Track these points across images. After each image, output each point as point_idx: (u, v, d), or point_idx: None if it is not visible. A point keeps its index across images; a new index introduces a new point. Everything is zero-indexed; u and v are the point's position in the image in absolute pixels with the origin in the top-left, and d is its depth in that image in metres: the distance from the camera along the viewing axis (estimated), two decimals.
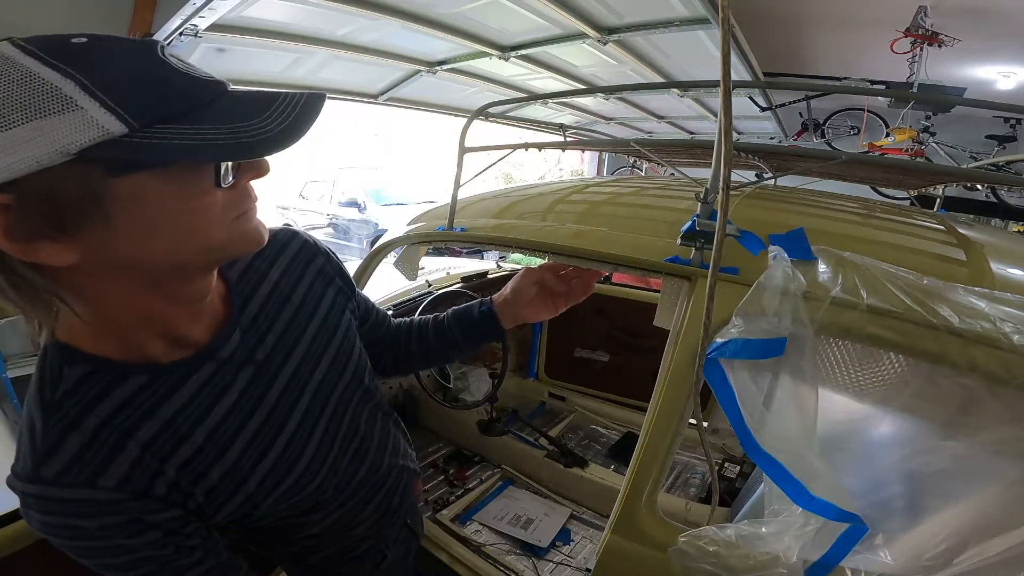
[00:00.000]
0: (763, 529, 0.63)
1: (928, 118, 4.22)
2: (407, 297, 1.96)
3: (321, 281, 0.70)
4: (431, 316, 0.91)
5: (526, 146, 1.19)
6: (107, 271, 0.44)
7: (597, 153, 5.98)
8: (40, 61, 0.37)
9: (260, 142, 0.41)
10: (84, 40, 0.39)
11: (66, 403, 0.47)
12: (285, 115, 0.43)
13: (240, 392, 0.57)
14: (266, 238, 0.51)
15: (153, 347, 0.51)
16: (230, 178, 0.45)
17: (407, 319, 0.93)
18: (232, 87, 0.46)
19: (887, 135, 4.24)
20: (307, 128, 0.44)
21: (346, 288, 0.74)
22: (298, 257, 0.69)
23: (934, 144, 4.28)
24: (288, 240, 0.69)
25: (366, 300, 0.85)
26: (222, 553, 0.59)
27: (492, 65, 3.28)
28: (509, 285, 0.89)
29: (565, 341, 2.29)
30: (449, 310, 0.91)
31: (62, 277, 0.43)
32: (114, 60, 0.39)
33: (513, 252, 2.92)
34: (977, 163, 3.17)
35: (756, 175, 1.22)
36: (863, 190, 2.78)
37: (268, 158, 0.47)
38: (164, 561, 0.52)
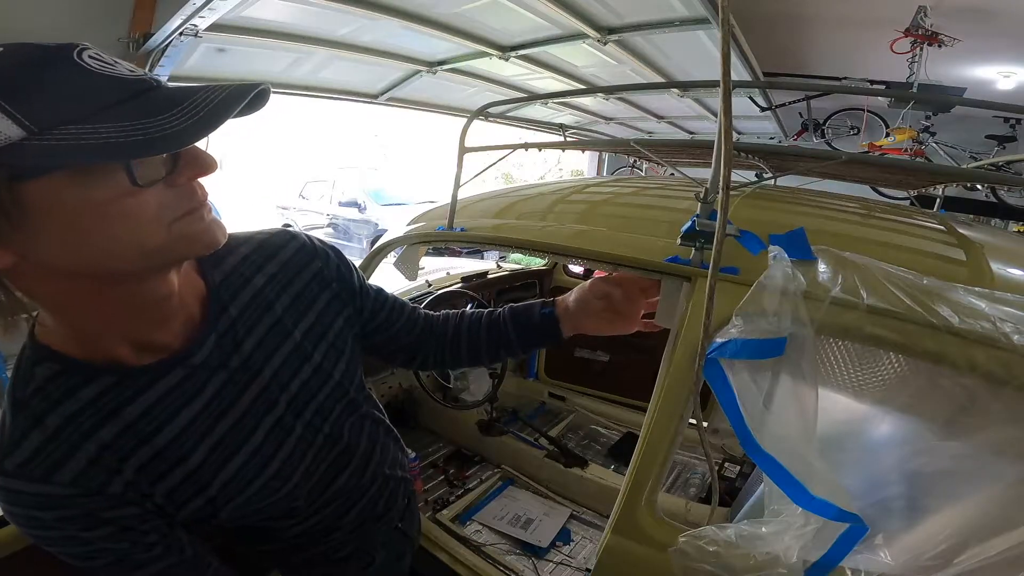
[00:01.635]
0: (763, 529, 0.63)
1: (928, 118, 4.23)
2: (407, 297, 1.95)
3: (316, 285, 0.69)
4: (485, 311, 0.87)
5: (526, 146, 1.19)
6: (50, 275, 0.45)
7: (597, 153, 5.98)
8: None
9: (161, 138, 0.40)
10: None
11: (33, 400, 0.49)
12: (198, 108, 0.42)
13: (210, 398, 0.57)
14: (221, 240, 0.50)
15: (120, 350, 0.52)
16: (160, 176, 0.44)
17: (453, 311, 0.89)
18: (164, 84, 0.45)
19: (887, 135, 4.24)
20: (219, 122, 0.42)
21: (344, 292, 0.72)
22: (291, 262, 0.67)
23: (934, 144, 4.28)
24: (283, 244, 0.68)
25: (379, 294, 0.81)
26: (185, 549, 0.59)
27: (492, 65, 3.28)
28: (574, 293, 0.85)
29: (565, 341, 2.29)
30: (506, 307, 0.86)
31: (12, 279, 0.45)
32: (19, 67, 0.39)
33: (513, 252, 2.92)
34: (977, 163, 3.17)
35: (756, 175, 1.22)
36: (863, 190, 2.78)
37: (215, 155, 0.46)
38: (121, 554, 0.53)
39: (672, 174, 1.35)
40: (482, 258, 4.90)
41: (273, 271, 0.65)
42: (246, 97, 0.44)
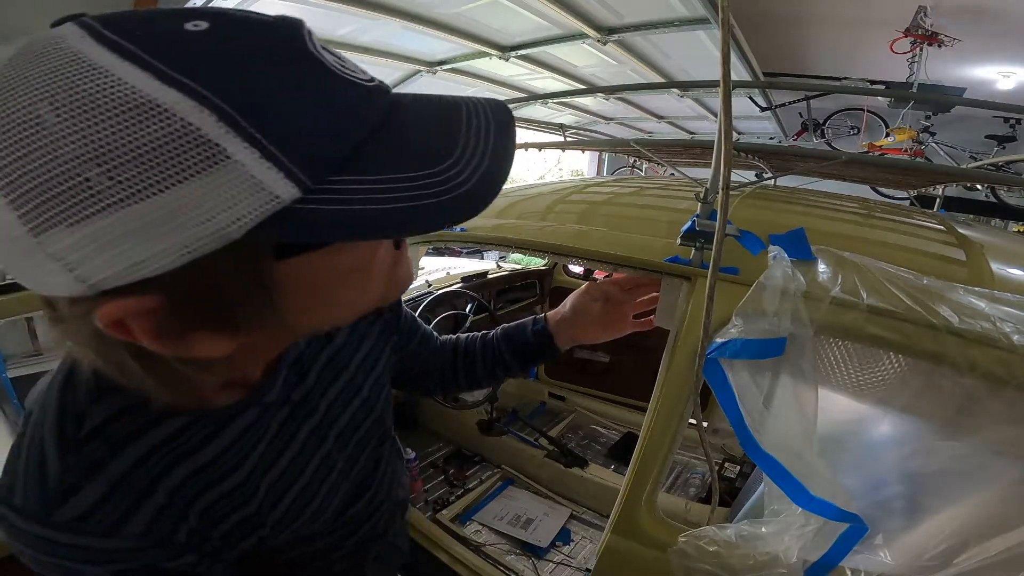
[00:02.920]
0: (763, 529, 0.63)
1: (928, 118, 4.23)
2: (407, 297, 1.96)
3: (372, 313, 0.64)
4: (478, 334, 0.84)
5: (526, 146, 1.19)
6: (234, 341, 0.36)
7: (597, 153, 5.98)
8: (152, 74, 0.25)
9: (457, 198, 0.30)
10: (204, 26, 0.27)
11: (92, 443, 0.40)
12: (474, 152, 0.32)
13: (273, 435, 0.52)
14: (414, 276, 0.45)
15: (209, 391, 0.44)
16: None
17: (451, 336, 0.86)
18: (394, 93, 0.34)
19: (887, 135, 4.24)
20: (507, 173, 0.33)
21: (393, 320, 0.68)
22: None
23: (934, 144, 4.28)
24: None
25: (414, 321, 0.78)
26: None
27: (492, 65, 3.28)
28: (568, 302, 0.81)
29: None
30: (499, 328, 0.83)
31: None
32: (257, 68, 0.27)
33: (513, 252, 2.92)
34: (977, 163, 3.17)
35: (756, 175, 1.22)
36: (863, 190, 2.78)
37: None
38: None
39: (672, 174, 1.35)
40: (482, 258, 4.89)
41: None
42: (507, 128, 0.35)
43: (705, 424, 1.38)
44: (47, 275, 0.27)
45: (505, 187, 0.35)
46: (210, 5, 2.07)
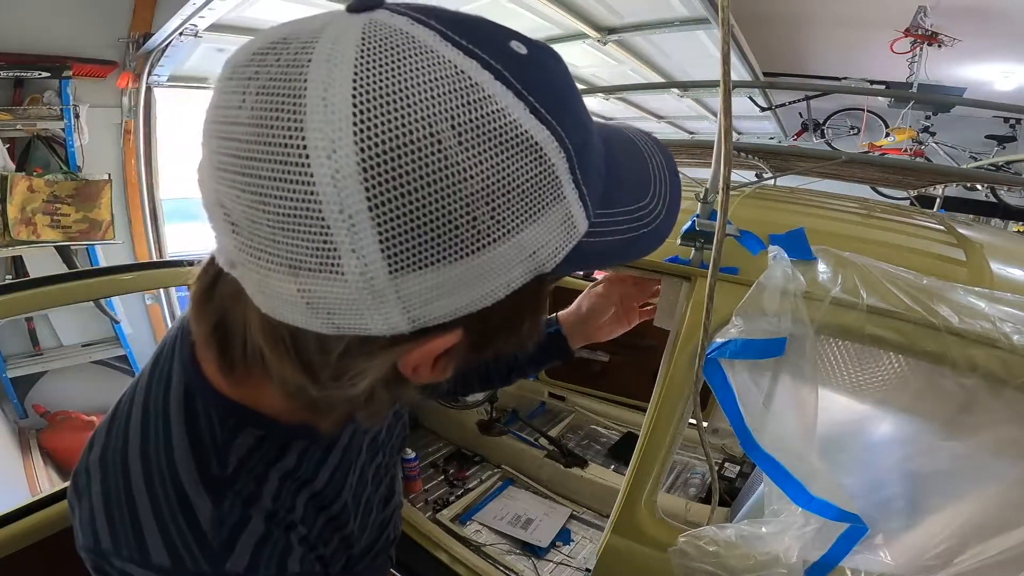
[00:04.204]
0: (763, 529, 0.63)
1: (928, 118, 4.23)
2: None
3: None
4: None
5: None
6: None
7: None
8: (528, 107, 0.24)
9: (661, 229, 0.33)
10: (524, 50, 0.26)
11: (241, 478, 0.36)
12: (662, 183, 0.34)
13: (359, 451, 0.50)
14: None
15: None
16: None
17: None
18: None
19: (887, 135, 4.24)
20: (680, 198, 0.35)
21: None
22: None
23: (934, 144, 4.28)
24: None
25: None
26: None
27: None
28: (584, 303, 0.80)
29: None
30: None
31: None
32: (575, 106, 0.27)
33: None
34: (977, 163, 3.17)
35: (756, 175, 1.22)
36: (863, 190, 2.78)
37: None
38: None
39: None
40: None
41: None
42: (673, 163, 0.37)
43: (705, 424, 1.38)
44: (376, 315, 0.24)
45: None
46: (208, 7, 2.07)
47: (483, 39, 0.24)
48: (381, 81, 0.22)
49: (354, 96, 0.21)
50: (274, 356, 0.30)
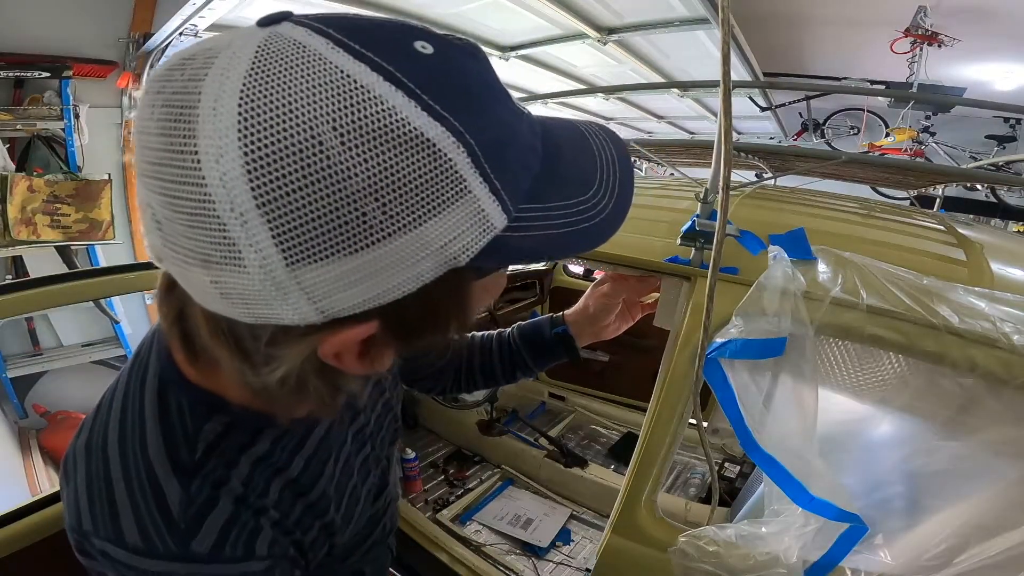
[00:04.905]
0: (763, 529, 0.63)
1: (928, 118, 4.23)
2: None
3: None
4: (493, 333, 0.83)
5: None
6: None
7: None
8: (419, 105, 0.25)
9: (599, 225, 0.33)
10: (430, 49, 0.27)
11: (210, 462, 0.38)
12: (606, 182, 0.34)
13: (342, 442, 0.51)
14: None
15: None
16: None
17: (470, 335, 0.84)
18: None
19: (887, 135, 4.24)
20: (632, 192, 0.35)
21: None
22: None
23: (934, 144, 4.28)
24: None
25: None
26: None
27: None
28: (591, 303, 0.80)
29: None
30: (513, 328, 0.82)
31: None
32: (484, 103, 0.29)
33: None
34: (977, 163, 3.17)
35: (756, 175, 1.22)
36: (863, 190, 2.78)
37: None
38: None
39: (672, 174, 1.35)
40: None
41: None
42: (627, 157, 0.37)
43: (705, 424, 1.38)
44: (284, 305, 0.27)
45: None
46: (208, 7, 2.07)
47: (381, 42, 0.26)
48: (266, 90, 0.24)
49: (240, 105, 0.23)
50: (214, 343, 0.32)
